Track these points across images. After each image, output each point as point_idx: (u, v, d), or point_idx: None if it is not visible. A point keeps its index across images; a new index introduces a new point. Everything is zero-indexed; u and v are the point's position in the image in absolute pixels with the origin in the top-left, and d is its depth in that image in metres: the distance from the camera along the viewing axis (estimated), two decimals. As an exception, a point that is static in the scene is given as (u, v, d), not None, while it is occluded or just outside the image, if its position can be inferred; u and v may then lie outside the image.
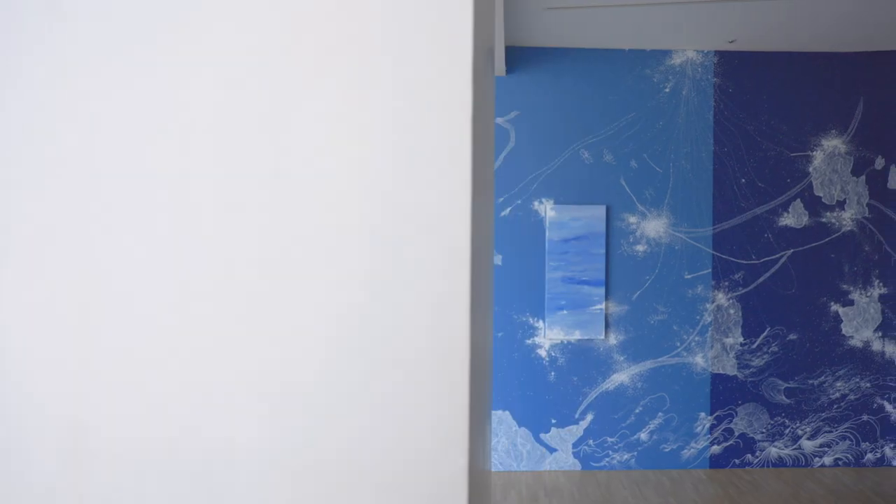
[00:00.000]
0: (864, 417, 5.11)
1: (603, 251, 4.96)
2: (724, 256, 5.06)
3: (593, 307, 4.97)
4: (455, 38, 0.67)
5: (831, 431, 5.11)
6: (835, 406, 5.11)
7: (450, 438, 0.69)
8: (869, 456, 5.11)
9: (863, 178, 5.08)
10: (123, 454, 0.74)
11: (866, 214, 5.08)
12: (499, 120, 4.99)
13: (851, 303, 5.09)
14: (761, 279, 5.07)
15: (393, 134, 0.67)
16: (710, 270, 5.05)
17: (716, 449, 5.08)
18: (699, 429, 5.08)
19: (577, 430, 5.05)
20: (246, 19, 0.68)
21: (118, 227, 0.71)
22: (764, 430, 5.10)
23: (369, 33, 0.67)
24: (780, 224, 5.07)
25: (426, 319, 0.68)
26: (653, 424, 5.07)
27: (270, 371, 0.71)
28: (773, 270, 5.07)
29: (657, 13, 4.31)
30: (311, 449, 0.70)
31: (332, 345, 0.70)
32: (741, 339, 5.08)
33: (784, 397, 5.10)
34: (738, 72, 5.04)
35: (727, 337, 5.07)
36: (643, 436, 5.06)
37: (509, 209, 5.00)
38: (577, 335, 4.98)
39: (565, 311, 4.96)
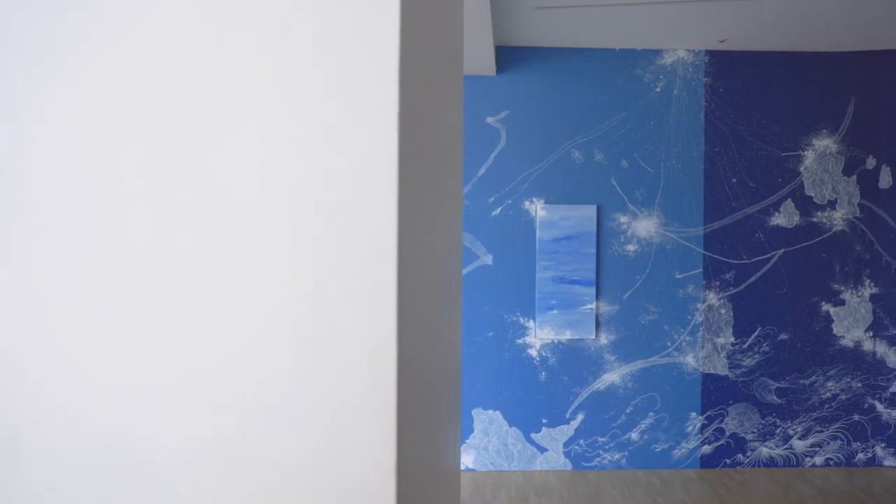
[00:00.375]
0: (856, 417, 5.11)
1: (594, 251, 4.96)
2: (715, 256, 5.05)
3: (584, 307, 4.97)
4: (380, 41, 0.67)
5: (822, 431, 5.11)
6: (826, 406, 5.11)
7: (377, 439, 0.69)
8: (860, 456, 5.11)
9: (854, 177, 5.07)
10: (56, 455, 0.74)
11: (857, 214, 5.07)
12: (489, 120, 4.99)
13: (843, 302, 5.09)
14: (752, 279, 5.07)
15: (317, 137, 0.67)
16: (701, 270, 5.05)
17: (707, 449, 5.08)
18: (690, 429, 5.08)
19: (567, 430, 5.05)
20: (173, 25, 0.68)
21: (50, 229, 0.71)
22: (755, 430, 5.10)
23: (291, 37, 0.67)
24: (771, 224, 5.06)
25: (353, 320, 0.68)
26: (644, 424, 5.07)
27: (201, 371, 0.71)
28: (764, 270, 5.07)
29: (647, 13, 4.30)
30: (241, 449, 0.70)
31: (261, 345, 0.70)
32: (732, 339, 5.08)
33: (775, 397, 5.10)
34: (730, 71, 5.04)
35: (718, 337, 5.07)
36: (634, 436, 5.06)
37: (500, 209, 4.99)
38: (567, 335, 4.98)
39: (556, 311, 4.96)
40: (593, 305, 4.98)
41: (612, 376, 5.05)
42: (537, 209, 4.97)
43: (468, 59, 4.55)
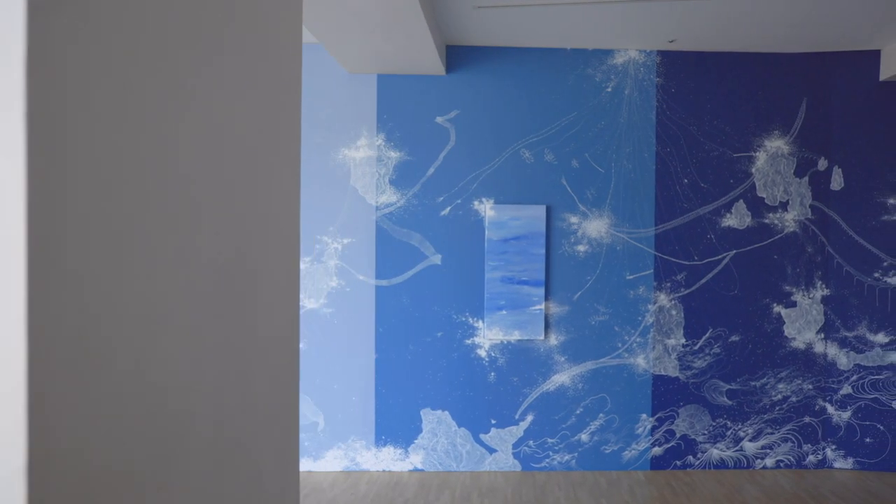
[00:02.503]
0: (807, 419, 5.09)
1: (543, 251, 4.94)
2: (666, 257, 5.03)
3: (533, 307, 4.94)
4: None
5: (773, 433, 5.09)
6: (777, 408, 5.09)
7: (4, 442, 0.66)
8: (811, 458, 5.09)
9: (806, 179, 5.06)
10: None
11: (809, 216, 5.06)
12: (438, 119, 4.96)
13: (794, 304, 5.07)
14: (704, 280, 5.05)
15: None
16: (652, 271, 5.03)
17: (657, 450, 5.06)
18: (640, 430, 5.06)
19: (517, 431, 5.02)
20: None
21: None
22: (706, 432, 5.08)
23: None
24: (722, 225, 5.05)
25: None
26: (594, 426, 5.04)
27: None
28: (715, 271, 5.05)
29: (594, 12, 4.28)
30: None
31: None
32: (683, 341, 5.06)
33: (726, 399, 5.08)
34: (681, 72, 5.02)
35: (669, 338, 5.05)
36: (584, 437, 5.04)
37: (449, 208, 4.97)
38: (516, 335, 4.95)
39: (504, 312, 4.93)
40: (542, 306, 4.95)
41: (561, 377, 5.03)
42: (486, 209, 4.94)
43: (410, 58, 4.53)
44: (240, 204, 1.21)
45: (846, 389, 5.06)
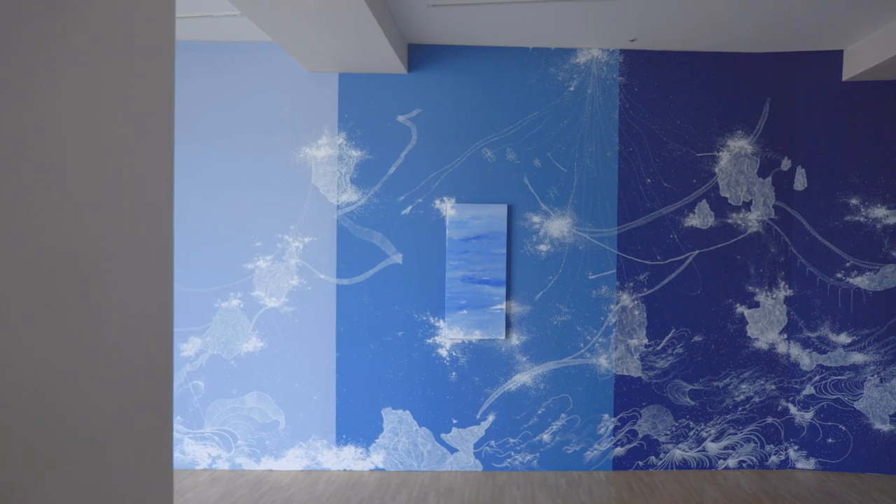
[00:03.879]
0: (769, 420, 5.08)
1: (504, 251, 4.92)
2: (628, 257, 5.02)
3: (494, 307, 4.93)
4: None
5: (736, 434, 5.08)
6: (739, 408, 5.08)
7: None
8: (773, 458, 5.08)
9: (769, 179, 5.04)
10: None
11: (772, 216, 5.04)
12: (400, 118, 4.94)
13: (757, 305, 5.06)
14: (666, 280, 5.04)
15: None
16: (614, 271, 5.02)
17: (619, 451, 5.05)
18: (602, 430, 5.05)
19: (478, 431, 5.01)
20: None
21: None
22: (668, 432, 5.07)
23: None
24: (685, 225, 5.03)
25: None
26: (556, 426, 5.03)
27: None
28: (678, 271, 5.04)
29: (551, 10, 4.26)
30: None
31: None
32: (646, 341, 5.05)
33: (689, 399, 5.07)
34: (644, 71, 5.00)
35: (631, 338, 5.04)
36: (546, 437, 5.03)
37: (410, 207, 4.96)
38: (477, 335, 4.94)
39: (465, 311, 4.92)
40: (503, 306, 4.94)
41: (523, 377, 5.01)
42: (447, 208, 4.93)
43: (368, 57, 4.51)
44: (74, 202, 1.19)
45: (809, 390, 5.05)
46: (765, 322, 5.06)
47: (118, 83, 1.35)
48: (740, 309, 5.06)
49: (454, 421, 5.01)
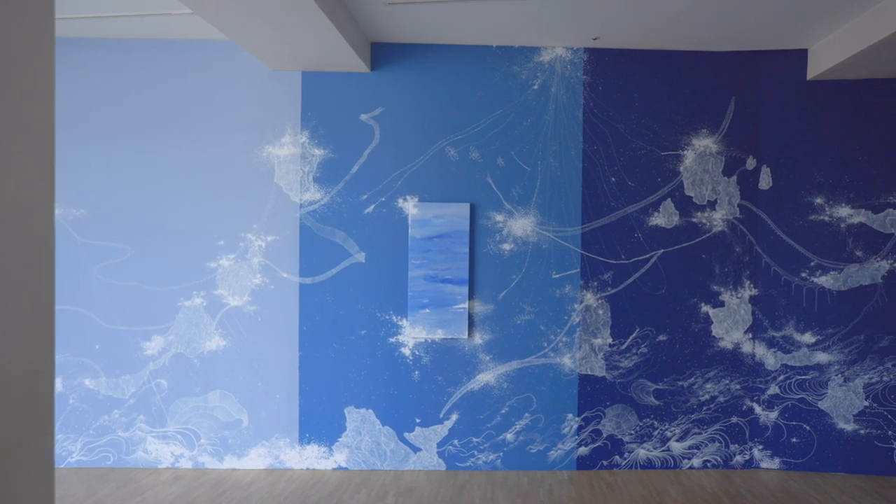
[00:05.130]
0: (734, 419, 5.07)
1: (466, 250, 4.91)
2: (593, 256, 5.01)
3: (456, 306, 4.92)
4: None
5: (700, 433, 5.07)
6: (704, 408, 5.07)
7: None
8: (738, 458, 5.07)
9: (734, 178, 5.02)
10: None
11: (737, 215, 5.03)
12: (363, 117, 4.93)
13: (722, 304, 5.04)
14: (631, 279, 5.02)
15: None
16: (578, 270, 5.00)
17: (583, 450, 5.04)
18: (566, 430, 5.04)
19: (441, 430, 5.01)
20: None
21: None
22: (632, 432, 5.06)
23: None
24: (650, 224, 5.02)
25: None
26: (519, 425, 5.02)
27: None
28: (643, 271, 5.03)
29: (511, 8, 4.25)
30: None
31: None
32: (610, 340, 5.03)
33: (653, 399, 5.06)
34: (609, 69, 4.99)
35: (596, 338, 5.03)
36: (509, 436, 5.02)
37: (373, 206, 4.95)
38: (440, 334, 4.93)
39: (428, 310, 4.91)
40: (466, 305, 4.93)
41: (486, 376, 5.01)
42: (410, 207, 4.92)
43: (327, 56, 4.50)
44: None
45: (773, 389, 5.04)
46: (729, 321, 5.05)
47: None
48: (705, 308, 5.04)
49: (417, 420, 5.00)
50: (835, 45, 4.60)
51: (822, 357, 4.99)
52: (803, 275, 4.99)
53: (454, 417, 5.01)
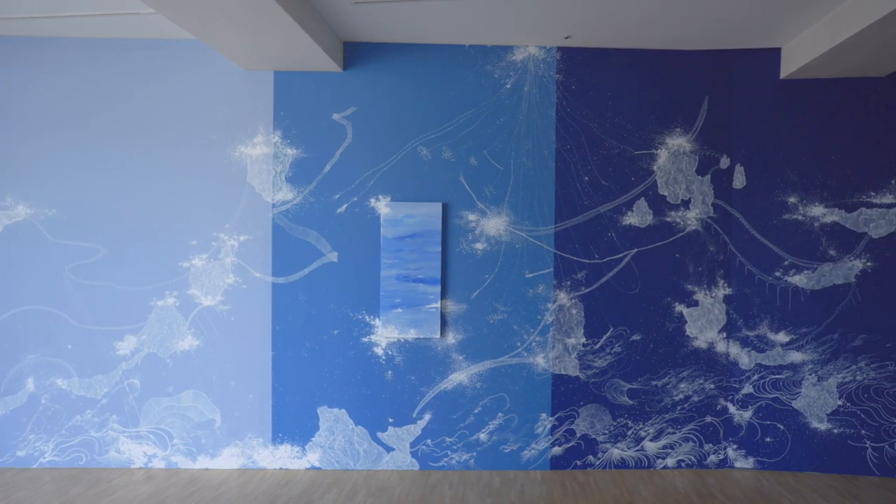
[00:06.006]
0: (708, 419, 5.06)
1: (438, 249, 4.91)
2: (566, 255, 5.00)
3: (428, 306, 4.91)
4: None
5: (674, 433, 5.06)
6: (678, 407, 5.06)
7: None
8: (712, 458, 5.06)
9: (708, 177, 5.01)
10: None
11: (711, 214, 5.01)
12: (335, 116, 4.93)
13: (696, 303, 5.03)
14: (604, 279, 5.01)
15: None
16: (551, 270, 4.99)
17: (557, 450, 5.03)
18: (540, 430, 5.03)
19: (414, 430, 5.00)
20: None
21: None
22: (606, 432, 5.05)
23: None
24: (623, 223, 5.00)
25: None
26: (492, 425, 5.02)
27: None
28: (616, 270, 5.02)
29: (479, 7, 4.23)
30: None
31: None
32: (584, 340, 5.02)
33: (627, 398, 5.05)
34: (582, 68, 4.97)
35: (569, 337, 5.02)
36: (483, 436, 5.01)
37: (345, 206, 4.94)
38: (412, 334, 4.92)
39: (400, 310, 4.91)
40: (438, 304, 4.92)
41: (459, 376, 5.00)
42: (382, 206, 4.91)
43: (297, 55, 4.49)
44: None
45: (747, 389, 5.03)
46: (703, 321, 5.03)
47: None
48: (679, 308, 5.03)
49: (390, 420, 4.99)
50: (806, 44, 4.59)
51: (795, 356, 4.98)
52: (777, 274, 4.98)
53: (427, 417, 5.00)
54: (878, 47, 4.26)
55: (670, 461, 5.06)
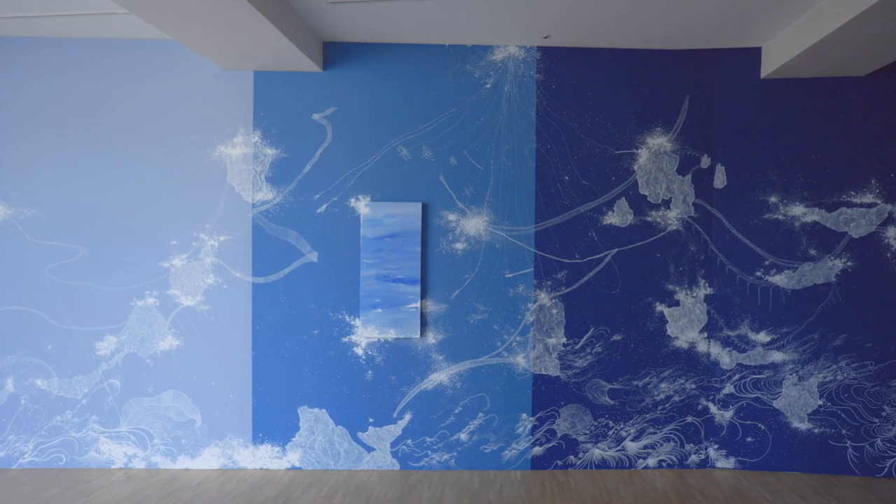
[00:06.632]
0: (689, 419, 5.05)
1: (418, 249, 4.90)
2: (546, 255, 4.99)
3: (408, 306, 4.91)
4: None
5: (655, 433, 5.05)
6: (659, 407, 5.05)
7: None
8: (693, 457, 5.05)
9: (689, 176, 5.01)
10: None
11: (692, 214, 5.01)
12: (315, 116, 4.92)
13: (677, 303, 5.02)
14: (585, 279, 5.01)
15: None
16: (532, 269, 4.99)
17: (538, 450, 5.03)
18: (521, 430, 5.02)
19: (395, 430, 4.99)
20: None
21: None
22: (587, 432, 5.04)
23: None
24: (604, 223, 5.00)
25: None
26: (473, 425, 5.01)
27: None
28: (597, 270, 5.01)
29: (454, 6, 4.23)
30: None
31: None
32: (564, 340, 5.02)
33: (608, 398, 5.04)
34: (562, 68, 4.97)
35: (550, 337, 5.01)
36: (463, 436, 5.01)
37: (325, 206, 4.94)
38: (392, 334, 4.92)
39: (380, 310, 4.90)
40: (418, 304, 4.92)
41: (440, 376, 4.99)
42: (362, 206, 4.91)
43: (275, 55, 4.48)
44: None
45: (728, 389, 5.02)
46: (685, 321, 5.03)
47: None
48: (660, 307, 5.03)
49: (371, 420, 4.99)
50: (785, 43, 4.58)
51: (776, 356, 4.97)
52: (758, 274, 4.97)
53: (408, 417, 4.99)
54: (857, 46, 4.25)
55: (651, 461, 5.05)
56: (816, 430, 4.94)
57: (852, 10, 3.76)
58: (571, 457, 5.04)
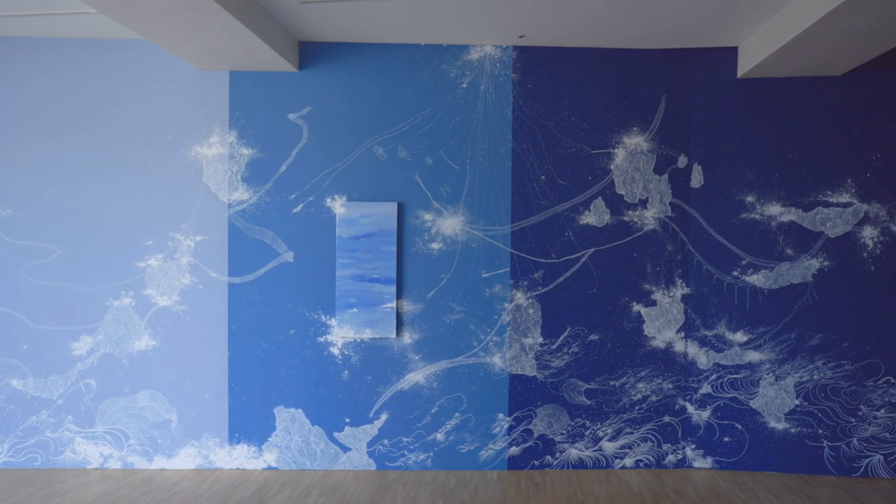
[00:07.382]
0: (666, 419, 5.04)
1: (394, 249, 4.90)
2: (523, 255, 4.98)
3: (384, 305, 4.90)
4: None
5: (633, 433, 5.04)
6: (636, 407, 5.04)
7: None
8: (670, 457, 5.04)
9: (665, 176, 5.00)
10: None
11: (669, 213, 5.00)
12: (291, 116, 4.92)
13: (654, 303, 5.01)
14: (562, 279, 5.00)
15: None
16: (508, 269, 4.98)
17: (515, 450, 5.02)
18: (497, 430, 5.02)
19: (371, 430, 4.99)
20: None
21: None
22: (564, 432, 5.03)
23: None
24: (581, 222, 4.99)
25: None
26: (449, 425, 5.00)
27: None
28: (573, 270, 5.00)
29: (428, 6, 4.22)
30: None
31: None
32: (541, 340, 5.01)
33: (585, 398, 5.04)
34: (538, 67, 4.96)
35: (526, 337, 5.00)
36: (440, 436, 5.00)
37: (301, 206, 4.93)
38: (368, 333, 4.91)
39: (356, 310, 4.90)
40: (394, 304, 4.91)
41: (416, 376, 4.99)
42: (337, 206, 4.91)
43: (250, 55, 4.48)
44: None
45: (706, 389, 5.01)
46: (662, 320, 5.02)
47: None
48: (637, 307, 5.02)
49: (347, 420, 4.98)
50: (760, 42, 4.57)
51: (753, 356, 4.96)
52: (735, 273, 4.96)
53: (384, 417, 4.99)
54: (831, 44, 4.24)
55: (628, 461, 5.05)
56: (793, 430, 4.93)
57: (823, 8, 3.75)
58: (548, 457, 5.03)
